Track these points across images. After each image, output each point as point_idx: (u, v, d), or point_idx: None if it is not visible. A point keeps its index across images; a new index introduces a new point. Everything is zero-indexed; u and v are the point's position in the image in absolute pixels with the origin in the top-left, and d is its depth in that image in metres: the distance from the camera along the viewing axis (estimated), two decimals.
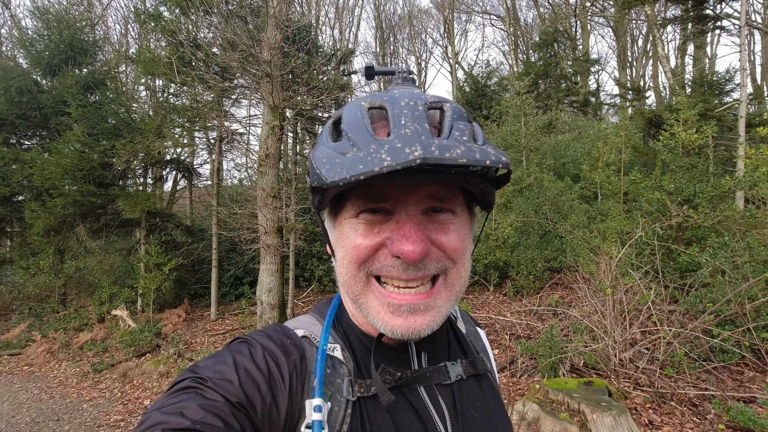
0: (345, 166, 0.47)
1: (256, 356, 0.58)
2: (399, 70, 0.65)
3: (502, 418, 0.70)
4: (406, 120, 0.49)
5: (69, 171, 9.12)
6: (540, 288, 7.45)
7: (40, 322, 10.21)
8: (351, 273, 0.58)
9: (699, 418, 3.48)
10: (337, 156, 0.49)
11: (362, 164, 0.45)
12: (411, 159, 0.43)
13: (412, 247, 0.52)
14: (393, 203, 0.55)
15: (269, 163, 7.79)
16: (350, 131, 0.52)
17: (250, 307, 9.76)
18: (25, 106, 10.76)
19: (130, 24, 18.27)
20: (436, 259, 0.56)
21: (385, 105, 0.53)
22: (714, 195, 5.74)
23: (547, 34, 15.51)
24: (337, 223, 0.60)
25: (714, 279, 4.69)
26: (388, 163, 0.43)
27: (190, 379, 0.54)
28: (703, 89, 9.69)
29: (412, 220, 0.54)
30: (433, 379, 0.65)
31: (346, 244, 0.57)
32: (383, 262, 0.55)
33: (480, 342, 0.80)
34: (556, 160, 10.01)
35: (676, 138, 6.28)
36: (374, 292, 0.57)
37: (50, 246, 10.00)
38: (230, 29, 7.34)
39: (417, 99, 0.53)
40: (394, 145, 0.46)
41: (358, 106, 0.55)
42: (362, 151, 0.47)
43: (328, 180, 0.47)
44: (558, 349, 4.42)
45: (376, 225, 0.56)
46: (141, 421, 0.49)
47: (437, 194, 0.55)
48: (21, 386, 6.97)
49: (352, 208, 0.56)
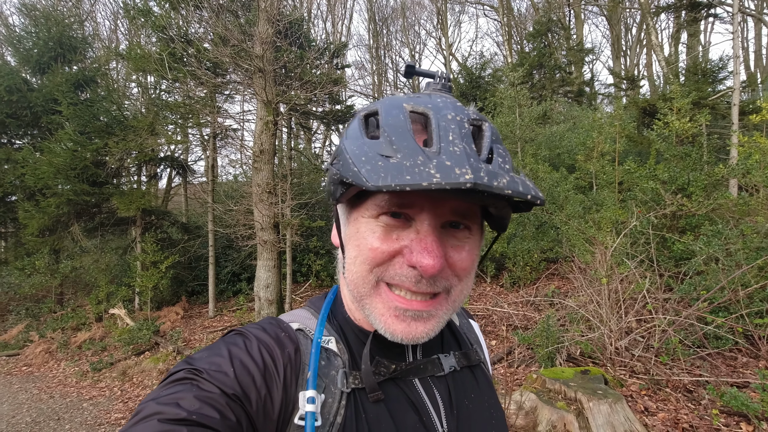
0: (390, 171, 0.45)
1: (251, 348, 0.59)
2: (438, 75, 0.63)
3: (496, 408, 0.71)
4: (453, 136, 0.49)
5: (62, 170, 9.04)
6: (536, 278, 7.50)
7: (38, 323, 10.19)
8: (362, 274, 0.57)
9: (693, 403, 3.53)
10: (378, 158, 0.48)
11: (410, 175, 0.44)
12: (462, 182, 0.43)
13: (432, 261, 0.51)
14: (417, 211, 0.54)
15: (264, 158, 7.75)
16: (392, 133, 0.50)
17: (248, 304, 9.77)
18: (15, 105, 10.64)
19: (119, 20, 18.04)
20: (445, 277, 0.56)
21: (429, 113, 0.52)
22: (708, 183, 5.77)
23: (541, 24, 15.43)
24: (353, 219, 0.59)
25: (708, 266, 4.73)
26: (437, 181, 0.43)
27: (185, 371, 0.54)
28: (696, 77, 9.71)
29: (434, 233, 0.54)
30: (428, 371, 0.66)
31: (361, 244, 0.57)
32: (398, 270, 0.55)
33: (473, 334, 0.82)
34: (551, 151, 10.02)
35: (670, 127, 6.30)
36: (381, 296, 0.57)
37: (45, 246, 9.95)
38: (221, 24, 7.26)
39: (462, 114, 0.52)
40: (443, 162, 0.45)
41: (400, 107, 0.54)
42: (408, 160, 0.46)
43: (370, 183, 0.45)
44: (554, 339, 4.46)
45: (395, 230, 0.55)
46: (136, 411, 0.49)
47: (460, 210, 0.56)
48: (20, 386, 6.97)
49: (374, 208, 0.56)
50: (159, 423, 0.46)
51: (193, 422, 0.47)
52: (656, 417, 3.38)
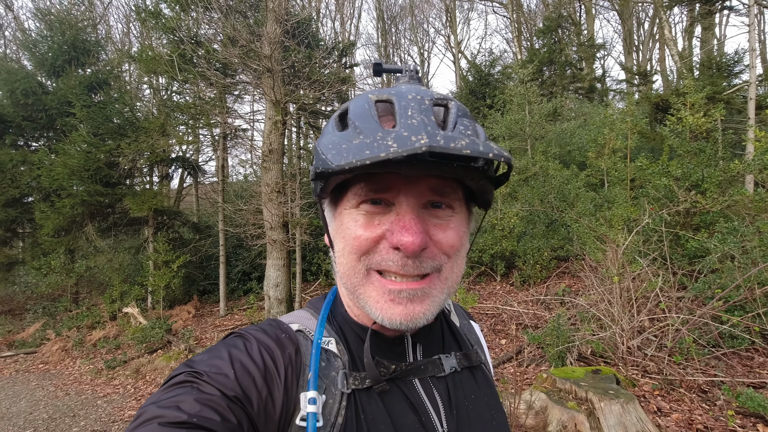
0: (351, 151, 0.47)
1: (252, 350, 0.59)
2: (406, 69, 0.66)
3: (497, 409, 0.71)
4: (412, 111, 0.50)
5: (76, 171, 9.20)
6: (547, 277, 7.43)
7: (54, 321, 10.38)
8: (351, 264, 0.58)
9: (708, 404, 3.46)
10: (343, 142, 0.50)
11: (369, 150, 0.46)
12: (417, 146, 0.44)
13: (411, 238, 0.52)
14: (394, 194, 0.55)
15: (273, 158, 7.80)
16: (357, 120, 0.53)
17: (258, 303, 9.84)
18: (30, 108, 10.85)
19: (132, 23, 18.30)
20: (431, 256, 0.57)
21: (392, 98, 0.54)
22: (722, 179, 5.65)
23: (551, 20, 15.25)
24: (337, 213, 0.61)
25: (723, 264, 4.64)
26: (395, 150, 0.44)
27: (185, 374, 0.54)
28: (711, 72, 9.50)
29: (412, 212, 0.55)
30: (428, 371, 0.66)
31: (346, 235, 0.58)
32: (383, 255, 0.56)
33: (474, 335, 0.81)
34: (562, 148, 9.91)
35: (684, 122, 6.18)
36: (374, 283, 0.57)
37: (61, 246, 10.14)
38: (230, 25, 7.32)
39: (423, 94, 0.54)
40: (401, 133, 0.47)
41: (366, 98, 0.56)
42: (369, 137, 0.48)
43: (333, 164, 0.48)
44: (565, 338, 4.41)
45: (376, 216, 0.56)
46: (137, 415, 0.49)
47: (438, 188, 0.56)
48: (37, 384, 7.11)
49: (354, 198, 0.57)
50: (159, 426, 0.46)
51: (193, 425, 0.47)
52: (670, 418, 3.32)
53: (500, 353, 5.24)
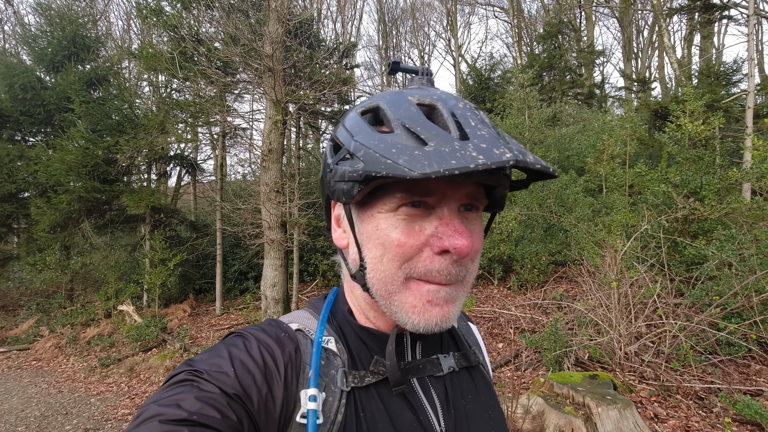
0: (432, 159, 0.46)
1: (251, 349, 0.59)
2: (423, 70, 0.65)
3: (494, 409, 0.71)
4: (474, 122, 0.51)
5: (73, 167, 9.14)
6: (544, 281, 7.43)
7: (48, 318, 10.30)
8: (391, 271, 0.56)
9: (705, 411, 3.46)
10: (410, 148, 0.48)
11: (454, 160, 0.45)
12: (505, 160, 0.44)
13: (465, 241, 0.53)
14: (437, 199, 0.55)
15: (272, 158, 7.78)
16: (413, 125, 0.51)
17: (254, 302, 9.80)
18: (29, 103, 10.79)
19: (132, 19, 18.27)
20: (465, 261, 0.58)
21: (437, 105, 0.54)
22: (720, 187, 5.68)
23: (552, 25, 15.33)
24: (368, 216, 0.58)
25: (720, 272, 4.66)
26: (483, 161, 0.44)
27: (186, 372, 0.54)
28: (709, 80, 9.56)
29: (458, 216, 0.55)
30: (426, 371, 0.66)
31: (386, 241, 0.56)
32: (427, 264, 0.55)
33: (472, 336, 0.82)
34: (561, 153, 9.94)
35: (682, 129, 6.21)
36: (411, 289, 0.57)
37: (56, 242, 10.06)
38: (232, 23, 7.30)
39: (466, 102, 0.55)
40: (478, 144, 0.47)
41: (407, 100, 0.55)
42: (445, 146, 0.47)
43: (416, 172, 0.45)
44: (562, 343, 4.41)
45: (417, 221, 0.55)
46: (138, 413, 0.50)
47: (473, 193, 0.57)
48: (30, 381, 7.05)
49: (392, 201, 0.55)
50: (160, 424, 0.47)
51: (194, 422, 0.47)
52: (666, 424, 3.32)
53: (497, 357, 5.23)
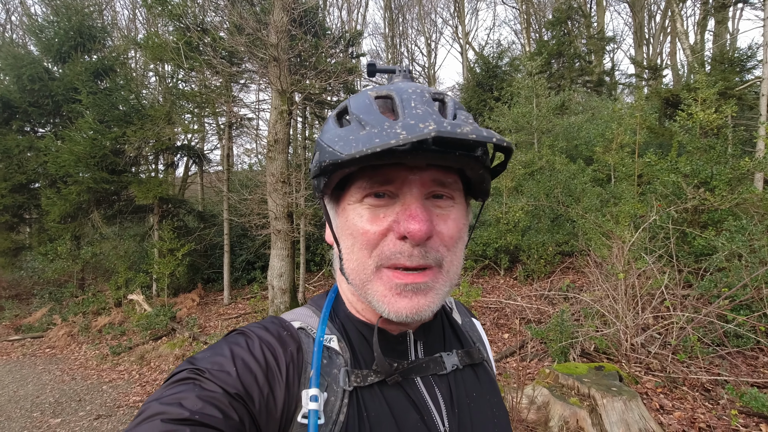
0: (360, 141, 0.48)
1: (254, 348, 0.59)
2: (400, 69, 0.68)
3: (498, 407, 0.71)
4: (415, 103, 0.52)
5: (82, 158, 9.22)
6: (551, 272, 7.41)
7: (60, 306, 10.50)
8: (362, 260, 0.58)
9: (711, 403, 3.46)
10: (350, 134, 0.51)
11: (378, 138, 0.47)
12: (426, 132, 0.45)
13: (418, 225, 0.53)
14: (398, 186, 0.56)
15: (278, 148, 7.77)
16: (360, 114, 0.53)
17: (262, 292, 9.90)
18: (37, 94, 10.86)
19: (137, 8, 18.21)
20: (435, 247, 0.57)
21: (392, 94, 0.55)
22: (732, 177, 5.59)
23: (561, 11, 15.01)
24: (341, 210, 0.61)
25: (730, 263, 4.60)
26: (404, 136, 0.45)
27: (188, 371, 0.54)
28: (723, 66, 9.35)
29: (418, 201, 0.56)
30: (429, 369, 0.66)
31: (354, 231, 0.58)
32: (390, 248, 0.56)
33: (476, 332, 0.81)
34: (569, 142, 9.82)
35: (694, 118, 6.09)
36: (382, 279, 0.58)
37: (67, 232, 10.21)
38: (237, 12, 7.25)
39: (422, 89, 0.56)
40: (408, 122, 0.48)
41: (366, 95, 0.57)
42: (376, 128, 0.49)
43: (343, 154, 0.48)
44: (568, 334, 4.41)
45: (381, 209, 0.57)
46: (140, 411, 0.50)
47: (440, 179, 0.57)
48: (44, 368, 7.22)
49: (357, 192, 0.57)
50: (162, 423, 0.47)
51: (195, 422, 0.47)
52: (672, 416, 3.32)
53: (503, 347, 5.25)
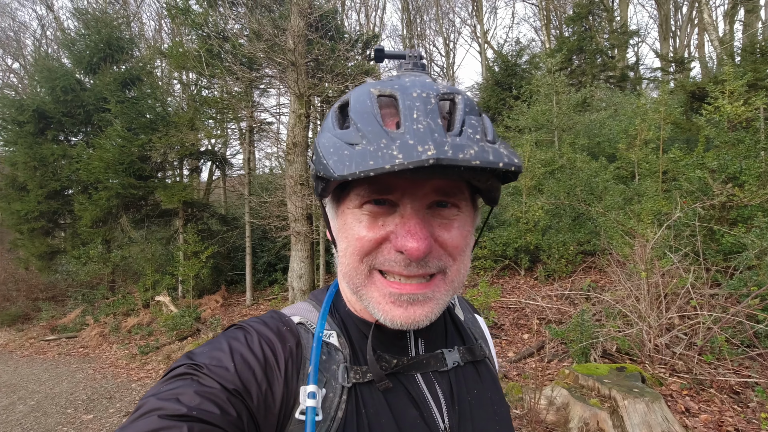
0: (354, 159, 0.45)
1: (252, 343, 0.58)
2: (410, 54, 0.62)
3: (500, 404, 0.70)
4: (418, 114, 0.48)
5: (111, 165, 9.60)
6: (572, 272, 7.26)
7: (92, 308, 10.92)
8: (353, 265, 0.57)
9: (740, 406, 3.33)
10: (345, 147, 0.48)
11: (372, 160, 0.44)
12: (424, 159, 0.42)
13: (416, 244, 0.51)
14: (398, 195, 0.54)
15: (297, 151, 7.90)
16: (359, 120, 0.50)
17: (283, 293, 10.04)
18: (70, 104, 11.34)
19: (163, 19, 18.81)
20: (437, 257, 0.55)
21: (396, 94, 0.51)
22: (762, 171, 5.37)
23: (582, 6, 14.71)
24: (340, 212, 0.59)
25: (761, 261, 4.42)
26: (400, 161, 0.42)
27: (186, 366, 0.54)
28: (754, 57, 8.99)
29: (417, 215, 0.53)
30: (430, 366, 0.65)
31: (349, 235, 0.57)
32: (386, 256, 0.55)
33: (479, 329, 0.80)
34: (590, 140, 9.61)
35: (721, 111, 5.88)
36: (376, 284, 0.56)
37: (98, 236, 10.63)
38: (255, 19, 7.42)
39: (429, 90, 0.51)
40: (406, 141, 0.44)
41: (368, 92, 0.53)
42: (372, 144, 0.46)
43: (335, 174, 0.46)
44: (589, 334, 4.32)
45: (380, 217, 0.55)
46: (137, 406, 0.49)
47: (443, 189, 0.55)
48: (78, 366, 7.53)
49: (357, 198, 0.55)
50: (159, 419, 0.46)
51: (193, 418, 0.47)
52: (698, 418, 3.22)
53: (522, 348, 5.18)
